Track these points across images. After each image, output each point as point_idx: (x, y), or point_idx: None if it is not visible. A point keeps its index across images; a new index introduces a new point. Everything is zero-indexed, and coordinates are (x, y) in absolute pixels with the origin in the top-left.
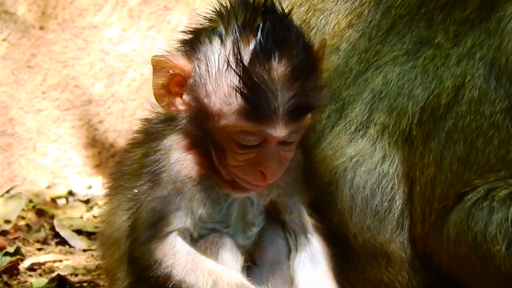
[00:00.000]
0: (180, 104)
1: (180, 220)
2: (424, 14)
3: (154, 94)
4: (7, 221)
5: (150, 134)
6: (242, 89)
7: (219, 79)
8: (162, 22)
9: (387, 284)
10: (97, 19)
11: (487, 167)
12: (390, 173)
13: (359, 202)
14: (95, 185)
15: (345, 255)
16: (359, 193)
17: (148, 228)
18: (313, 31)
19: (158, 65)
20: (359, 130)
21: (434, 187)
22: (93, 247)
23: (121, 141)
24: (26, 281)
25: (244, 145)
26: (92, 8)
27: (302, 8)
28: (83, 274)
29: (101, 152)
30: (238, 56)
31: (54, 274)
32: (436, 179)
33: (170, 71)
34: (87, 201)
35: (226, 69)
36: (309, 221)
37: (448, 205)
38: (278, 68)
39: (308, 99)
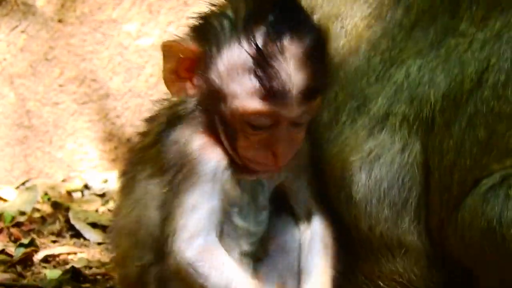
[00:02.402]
0: (190, 88)
1: (214, 210)
2: (448, 4)
3: (164, 80)
4: (22, 213)
5: (159, 134)
6: (255, 70)
7: (231, 60)
8: (181, 17)
9: (402, 275)
10: (116, 13)
11: (505, 152)
12: (409, 163)
13: (376, 194)
14: (111, 179)
15: (357, 248)
16: (377, 185)
17: (183, 226)
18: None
19: (168, 50)
20: (379, 124)
21: (453, 173)
22: (108, 241)
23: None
24: (40, 273)
25: (256, 126)
26: (112, 2)
27: (315, 16)
28: (97, 267)
29: (117, 146)
30: (251, 36)
31: (68, 266)
32: (455, 165)
33: (180, 55)
34: (102, 195)
35: (238, 49)
36: (314, 207)
37: (465, 190)
38: (291, 48)
39: (320, 79)
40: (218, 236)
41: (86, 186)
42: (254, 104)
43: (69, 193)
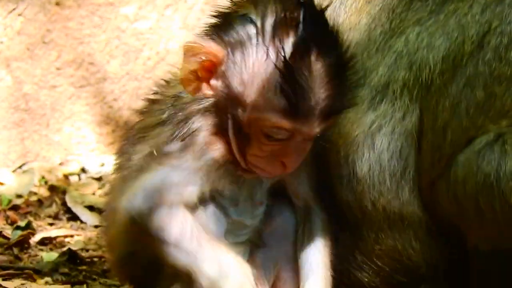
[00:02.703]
0: (207, 89)
1: (192, 194)
2: None
3: (181, 79)
4: (19, 196)
5: (165, 118)
6: (282, 85)
7: (256, 70)
8: (179, 1)
9: (401, 252)
10: None
11: (502, 113)
12: (408, 130)
13: (378, 166)
14: (108, 163)
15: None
16: (379, 156)
17: (152, 196)
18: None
19: (191, 51)
20: (379, 94)
21: (446, 133)
22: (104, 223)
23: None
24: (36, 255)
25: (272, 137)
26: None
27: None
28: (94, 250)
29: (115, 130)
30: (279, 48)
31: (65, 249)
32: (449, 125)
33: (203, 57)
34: (99, 179)
35: (265, 60)
36: (313, 201)
37: (457, 150)
38: (317, 65)
39: (342, 98)
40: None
41: (83, 170)
42: (275, 118)
43: (66, 176)
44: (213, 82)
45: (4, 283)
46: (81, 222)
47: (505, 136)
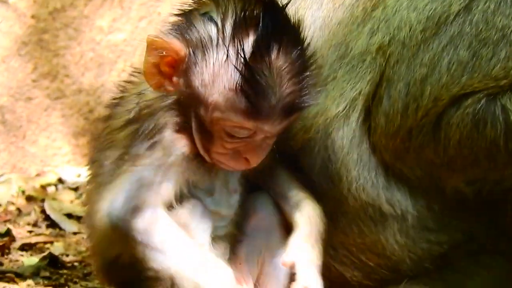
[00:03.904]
0: (169, 85)
1: (168, 191)
2: None
3: (144, 72)
4: None
5: (130, 119)
6: (242, 85)
7: (217, 71)
8: (153, 13)
9: (384, 246)
10: (88, 9)
11: (489, 76)
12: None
13: (353, 148)
14: (84, 174)
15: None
16: (358, 134)
17: (131, 199)
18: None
19: (153, 45)
20: (358, 64)
21: (424, 87)
22: (83, 230)
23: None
24: (17, 260)
25: (234, 135)
26: None
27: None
28: (74, 255)
29: (90, 141)
30: (239, 49)
31: (45, 254)
32: (428, 78)
33: (164, 53)
34: (76, 189)
35: (225, 61)
36: (291, 183)
37: (440, 106)
38: (278, 64)
39: (305, 96)
40: (189, 220)
41: (60, 180)
42: (237, 118)
43: (43, 187)
44: (175, 79)
45: None
46: (60, 229)
47: (499, 95)
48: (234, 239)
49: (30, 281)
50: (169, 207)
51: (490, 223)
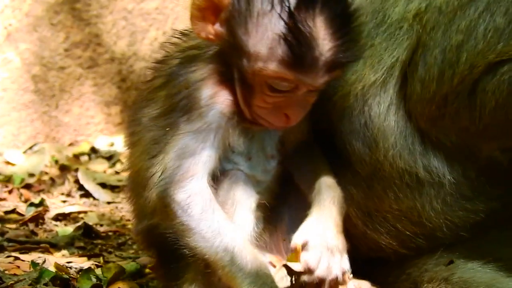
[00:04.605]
0: (211, 33)
1: (211, 158)
2: None
3: (190, 14)
4: (31, 175)
5: (170, 75)
6: (286, 36)
7: (261, 20)
8: None
9: (420, 213)
10: None
11: None
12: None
13: (390, 115)
14: (118, 143)
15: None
16: (395, 101)
17: (177, 167)
18: None
19: None
20: (396, 31)
21: (460, 54)
22: (117, 200)
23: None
24: (51, 230)
25: (276, 89)
26: None
27: None
28: (108, 225)
29: (123, 110)
30: (285, 0)
31: (79, 224)
32: (464, 45)
33: None
34: (109, 158)
35: (270, 11)
36: (318, 165)
37: (475, 73)
38: (322, 16)
39: (347, 51)
40: (227, 185)
41: (93, 150)
42: (280, 69)
43: (76, 156)
44: (217, 27)
45: (21, 256)
46: (94, 199)
47: None
48: (270, 210)
49: (64, 251)
50: (213, 176)
51: None
